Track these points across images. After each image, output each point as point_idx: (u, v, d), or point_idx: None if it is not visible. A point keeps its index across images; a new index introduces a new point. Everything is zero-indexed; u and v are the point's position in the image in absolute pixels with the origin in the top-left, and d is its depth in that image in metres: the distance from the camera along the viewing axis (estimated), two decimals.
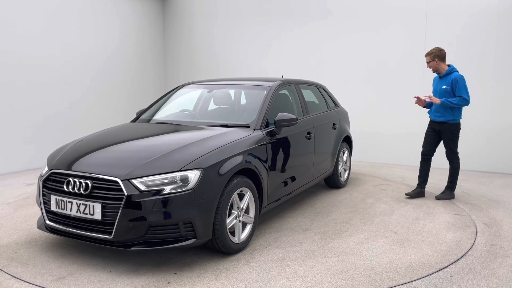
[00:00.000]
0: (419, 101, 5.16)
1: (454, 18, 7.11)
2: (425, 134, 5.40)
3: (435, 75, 5.35)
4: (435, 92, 5.21)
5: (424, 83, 7.40)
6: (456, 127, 5.14)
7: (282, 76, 5.69)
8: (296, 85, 5.15)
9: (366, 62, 7.90)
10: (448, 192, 5.31)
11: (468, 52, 7.05)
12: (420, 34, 7.37)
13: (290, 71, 8.04)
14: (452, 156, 5.21)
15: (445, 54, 5.13)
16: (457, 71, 5.10)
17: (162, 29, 9.99)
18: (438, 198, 5.26)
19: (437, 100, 5.02)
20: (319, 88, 5.85)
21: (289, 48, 8.59)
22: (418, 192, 5.40)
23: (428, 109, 5.34)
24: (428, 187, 5.94)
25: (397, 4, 7.52)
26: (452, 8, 7.12)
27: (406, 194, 5.41)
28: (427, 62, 5.15)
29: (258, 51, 8.93)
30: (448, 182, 5.35)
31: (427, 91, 7.37)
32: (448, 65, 5.13)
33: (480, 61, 6.99)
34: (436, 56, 5.09)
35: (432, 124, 5.29)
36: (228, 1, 9.18)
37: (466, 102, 4.98)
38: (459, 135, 5.18)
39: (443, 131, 5.16)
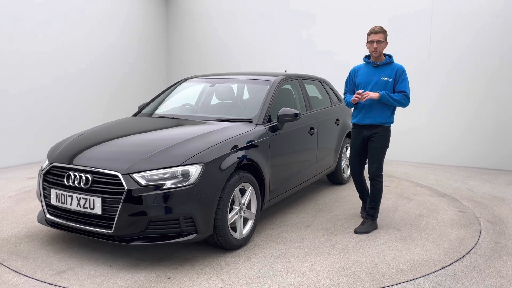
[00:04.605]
0: (358, 98, 3.88)
1: (459, 17, 7.03)
2: (351, 147, 4.21)
3: (351, 64, 4.34)
4: (366, 85, 3.97)
5: (429, 79, 7.34)
6: (389, 133, 4.02)
7: (285, 71, 5.65)
8: (299, 80, 5.10)
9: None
10: (370, 223, 4.03)
11: (474, 51, 6.97)
12: (425, 32, 7.29)
13: (293, 66, 7.99)
14: (378, 173, 4.00)
15: None
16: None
17: (165, 25, 9.95)
18: (358, 231, 3.95)
19: (375, 95, 3.81)
20: (322, 83, 5.79)
21: (292, 43, 8.52)
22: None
23: (353, 109, 4.16)
24: (435, 185, 5.90)
25: (403, 2, 7.45)
26: (457, 8, 7.04)
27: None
28: (378, 42, 3.84)
29: (261, 46, 8.88)
30: (369, 208, 4.06)
31: (431, 88, 7.33)
32: (385, 54, 4.03)
33: (486, 59, 6.90)
34: (387, 37, 3.93)
35: (359, 130, 4.07)
36: None
37: (408, 101, 3.88)
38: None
39: (374, 138, 3.97)
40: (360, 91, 3.84)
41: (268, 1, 8.74)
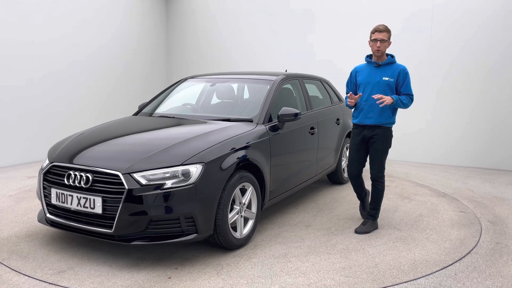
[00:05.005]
0: (351, 99, 3.87)
1: (459, 18, 7.02)
2: (351, 147, 4.11)
3: (350, 65, 4.28)
4: (366, 85, 3.91)
5: (429, 79, 7.33)
6: (391, 134, 3.97)
7: (286, 71, 5.64)
8: (299, 80, 5.09)
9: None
10: (370, 223, 4.03)
11: (474, 51, 6.96)
12: (425, 33, 7.28)
13: (293, 66, 7.98)
14: (380, 175, 3.97)
15: None
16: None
17: (165, 24, 9.94)
18: (359, 231, 3.95)
19: (389, 99, 3.69)
20: (323, 83, 5.79)
21: (292, 42, 8.51)
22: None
23: (353, 110, 4.07)
24: (435, 185, 5.89)
25: (403, 3, 7.45)
26: (457, 9, 7.03)
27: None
28: (382, 41, 3.78)
29: (262, 46, 8.87)
30: (370, 209, 4.07)
31: (431, 88, 7.32)
32: (387, 54, 3.96)
33: (486, 60, 6.89)
34: (390, 37, 3.86)
35: (360, 130, 3.99)
36: None
37: (411, 102, 3.86)
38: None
39: (375, 139, 3.91)
40: (378, 95, 3.71)
41: (269, 0, 8.72)
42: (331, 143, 5.36)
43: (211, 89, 4.98)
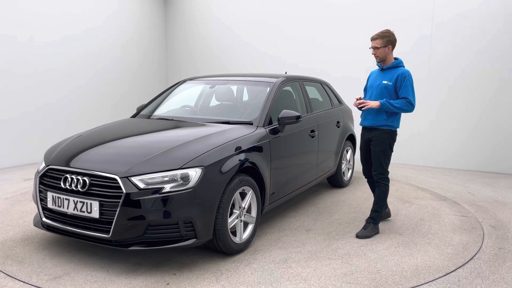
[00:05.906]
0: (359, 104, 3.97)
1: (461, 20, 6.99)
2: (360, 147, 4.26)
3: (365, 69, 4.42)
4: (370, 88, 4.06)
5: (430, 81, 7.30)
6: (391, 136, 3.95)
7: (286, 73, 5.60)
8: (300, 82, 5.05)
9: (371, 60, 7.78)
10: (372, 227, 3.97)
11: (477, 56, 6.92)
12: (426, 32, 7.25)
13: (294, 68, 7.94)
14: (381, 176, 3.97)
15: (396, 41, 3.95)
16: (404, 67, 3.99)
17: (164, 27, 9.89)
18: (360, 236, 3.90)
19: (375, 104, 3.84)
20: (323, 85, 5.74)
21: (292, 44, 8.48)
22: (386, 212, 4.38)
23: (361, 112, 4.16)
24: (436, 189, 5.85)
25: (404, 3, 7.42)
26: (458, 9, 7.00)
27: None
28: (376, 48, 3.87)
29: (261, 48, 8.82)
30: (372, 211, 4.05)
31: (432, 89, 7.29)
32: (395, 58, 4.00)
33: (488, 65, 6.86)
34: (390, 42, 3.88)
35: (363, 132, 4.14)
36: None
37: (411, 107, 3.80)
38: (393, 149, 4.01)
39: (373, 141, 3.98)
40: (360, 97, 3.97)
41: (267, 3, 8.69)
42: (332, 146, 5.31)
43: (210, 91, 4.93)
